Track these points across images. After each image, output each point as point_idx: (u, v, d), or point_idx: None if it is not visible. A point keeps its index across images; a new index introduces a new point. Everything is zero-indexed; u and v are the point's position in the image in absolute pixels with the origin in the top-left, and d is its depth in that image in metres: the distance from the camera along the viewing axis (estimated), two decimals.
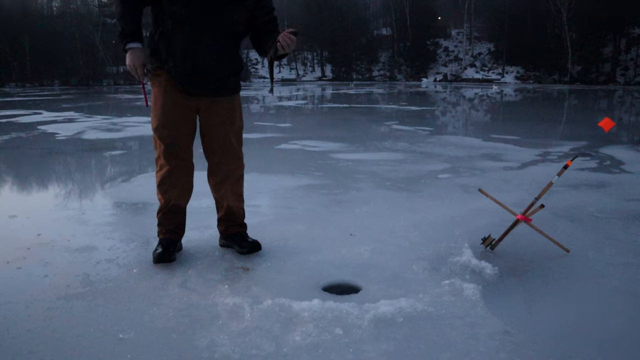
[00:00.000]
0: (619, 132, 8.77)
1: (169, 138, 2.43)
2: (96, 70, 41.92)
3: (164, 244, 2.54)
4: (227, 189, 2.60)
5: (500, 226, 2.89)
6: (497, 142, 7.19)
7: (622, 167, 5.37)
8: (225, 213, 2.67)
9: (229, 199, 2.63)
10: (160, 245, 2.55)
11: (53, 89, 32.09)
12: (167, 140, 2.43)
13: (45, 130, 8.73)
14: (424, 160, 5.68)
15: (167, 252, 2.50)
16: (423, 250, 2.70)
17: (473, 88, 31.77)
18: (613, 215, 3.45)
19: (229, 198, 2.63)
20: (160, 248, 2.53)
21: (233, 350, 1.72)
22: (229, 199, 2.63)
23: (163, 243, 2.56)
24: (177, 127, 2.43)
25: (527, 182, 4.47)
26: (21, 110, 13.58)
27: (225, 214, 2.67)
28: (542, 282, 2.35)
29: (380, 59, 51.74)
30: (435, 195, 3.97)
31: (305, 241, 2.86)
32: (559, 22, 40.84)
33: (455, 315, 1.98)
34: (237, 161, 2.59)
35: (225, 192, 2.61)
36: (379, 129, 9.28)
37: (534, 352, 1.74)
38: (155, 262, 2.47)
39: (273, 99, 18.55)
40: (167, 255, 2.49)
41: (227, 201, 2.64)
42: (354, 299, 2.14)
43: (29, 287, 2.22)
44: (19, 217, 3.34)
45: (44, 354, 1.70)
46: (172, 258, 2.51)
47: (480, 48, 49.71)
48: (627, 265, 2.55)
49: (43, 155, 6.13)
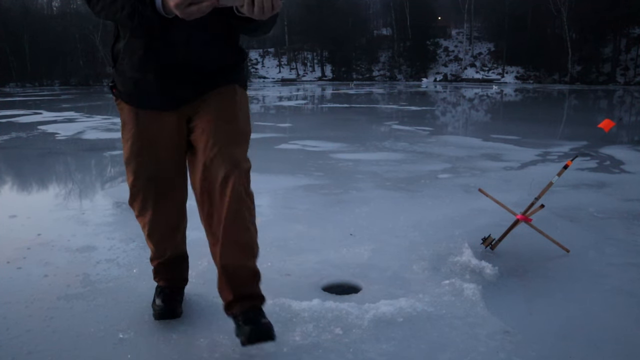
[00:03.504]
0: (619, 132, 8.77)
1: (145, 171, 1.74)
2: (96, 70, 41.93)
3: (166, 295, 1.95)
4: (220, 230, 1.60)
5: (500, 226, 2.89)
6: (497, 142, 7.19)
7: (622, 167, 5.37)
8: (221, 274, 1.67)
9: (224, 251, 1.62)
10: (161, 296, 1.95)
11: (53, 89, 32.09)
12: (144, 174, 1.74)
13: (45, 130, 8.73)
14: (424, 160, 5.68)
15: (172, 304, 1.93)
16: (423, 250, 2.70)
17: (473, 88, 31.76)
18: (613, 215, 3.45)
19: (224, 250, 1.62)
20: (160, 300, 1.94)
21: (233, 350, 1.72)
22: (223, 252, 1.62)
23: (165, 293, 1.96)
24: (156, 154, 1.73)
25: (527, 182, 4.47)
26: (21, 110, 13.58)
27: (221, 275, 1.67)
28: (542, 282, 2.35)
29: (380, 59, 51.72)
30: (435, 195, 3.96)
31: (305, 241, 2.86)
32: (559, 22, 40.85)
33: (455, 315, 1.98)
34: None
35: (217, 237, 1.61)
36: (379, 129, 9.28)
37: (534, 352, 1.74)
38: (157, 318, 1.91)
39: (273, 99, 18.53)
40: (172, 310, 1.91)
41: (222, 256, 1.63)
42: (354, 299, 2.14)
43: (29, 287, 2.22)
44: (19, 217, 3.34)
45: (44, 354, 1.70)
46: (178, 312, 1.93)
47: (480, 48, 49.70)
48: (627, 265, 2.55)
49: (43, 155, 6.13)
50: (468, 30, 49.99)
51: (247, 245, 1.64)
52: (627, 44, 40.27)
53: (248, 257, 1.65)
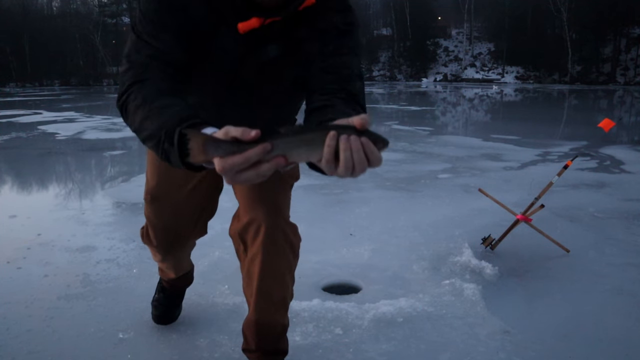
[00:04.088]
0: (619, 132, 8.77)
1: (165, 216, 1.54)
2: (96, 70, 41.96)
3: (167, 297, 1.91)
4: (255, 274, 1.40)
5: (500, 226, 2.89)
6: (497, 142, 7.19)
7: (622, 167, 5.37)
8: (249, 322, 1.47)
9: (259, 299, 1.42)
10: (162, 297, 1.91)
11: (53, 89, 32.10)
12: (162, 218, 1.55)
13: (45, 130, 8.73)
14: (424, 160, 5.68)
15: (170, 309, 1.90)
16: (423, 250, 2.70)
17: (473, 88, 31.76)
18: (613, 215, 3.45)
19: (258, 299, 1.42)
20: (159, 302, 1.90)
21: (233, 350, 1.72)
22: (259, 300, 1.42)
23: (166, 294, 1.91)
24: (180, 201, 1.50)
25: (527, 182, 4.47)
26: (21, 110, 13.58)
27: (249, 323, 1.48)
28: (542, 282, 2.35)
29: (380, 59, 51.75)
30: (435, 195, 3.97)
31: (305, 241, 2.84)
32: (559, 22, 40.86)
33: (455, 315, 1.98)
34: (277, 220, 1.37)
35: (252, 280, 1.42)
36: (379, 129, 9.28)
37: (534, 352, 1.74)
38: (155, 321, 1.91)
39: None
40: (169, 316, 1.90)
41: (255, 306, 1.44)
42: (354, 299, 2.14)
43: (29, 287, 2.22)
44: (19, 217, 3.34)
45: (44, 354, 1.70)
46: (176, 316, 1.93)
47: (480, 48, 49.72)
48: (627, 265, 2.55)
49: (43, 155, 6.13)
50: (468, 30, 50.01)
51: (283, 302, 1.47)
52: (627, 44, 40.29)
53: (282, 313, 1.49)
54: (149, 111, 0.96)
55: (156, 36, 1.06)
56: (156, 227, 1.57)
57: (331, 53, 1.13)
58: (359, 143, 0.78)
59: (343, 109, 1.02)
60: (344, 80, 1.11)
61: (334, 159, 0.79)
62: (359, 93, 1.13)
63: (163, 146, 0.90)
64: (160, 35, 1.06)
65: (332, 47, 1.14)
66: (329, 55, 1.13)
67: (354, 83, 1.13)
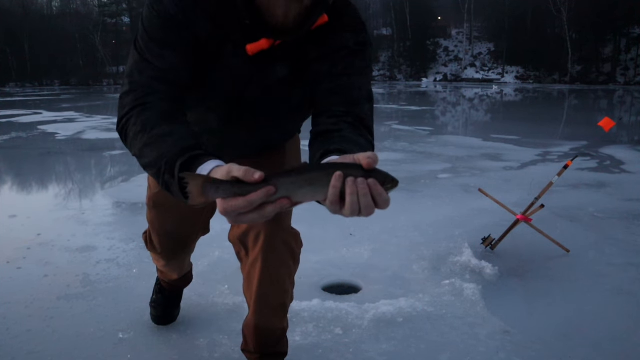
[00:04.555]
0: (619, 132, 8.77)
1: (168, 222, 1.56)
2: (96, 70, 41.95)
3: (166, 297, 1.90)
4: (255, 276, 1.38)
5: (500, 226, 2.89)
6: (497, 142, 7.19)
7: (622, 167, 5.37)
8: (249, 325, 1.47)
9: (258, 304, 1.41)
10: (160, 297, 1.90)
11: (53, 89, 32.10)
12: (165, 224, 1.57)
13: (45, 130, 8.73)
14: (424, 160, 5.68)
15: (169, 310, 1.90)
16: (423, 250, 2.70)
17: (473, 88, 31.76)
18: (613, 215, 3.46)
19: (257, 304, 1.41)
20: (157, 303, 1.90)
21: (233, 350, 1.72)
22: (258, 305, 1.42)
23: (165, 295, 1.91)
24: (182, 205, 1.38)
25: (527, 182, 4.47)
26: (21, 110, 13.58)
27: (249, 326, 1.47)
28: (542, 282, 2.35)
29: (380, 59, 51.72)
30: (435, 195, 3.97)
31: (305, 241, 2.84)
32: (559, 22, 40.85)
33: (455, 315, 1.98)
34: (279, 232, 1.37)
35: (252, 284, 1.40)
36: (379, 129, 9.27)
37: (534, 352, 1.74)
38: (154, 322, 1.92)
39: None
40: (168, 317, 1.91)
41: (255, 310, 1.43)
42: (354, 299, 2.14)
43: (29, 287, 2.22)
44: (19, 217, 3.34)
45: (43, 354, 1.70)
46: (175, 316, 1.93)
47: (480, 48, 49.70)
48: (627, 265, 2.55)
49: (43, 155, 6.13)
50: (468, 30, 49.99)
51: (282, 307, 1.47)
52: (627, 44, 40.27)
53: (281, 317, 1.49)
54: (149, 138, 0.94)
55: (160, 55, 1.03)
56: (159, 233, 1.58)
57: (340, 73, 1.09)
58: (365, 186, 0.75)
59: (350, 137, 0.99)
60: (352, 103, 1.07)
61: (340, 200, 0.76)
62: (367, 116, 1.09)
63: (164, 177, 0.89)
64: (165, 54, 1.03)
65: (341, 67, 1.10)
66: (338, 76, 1.09)
67: (362, 106, 1.09)
